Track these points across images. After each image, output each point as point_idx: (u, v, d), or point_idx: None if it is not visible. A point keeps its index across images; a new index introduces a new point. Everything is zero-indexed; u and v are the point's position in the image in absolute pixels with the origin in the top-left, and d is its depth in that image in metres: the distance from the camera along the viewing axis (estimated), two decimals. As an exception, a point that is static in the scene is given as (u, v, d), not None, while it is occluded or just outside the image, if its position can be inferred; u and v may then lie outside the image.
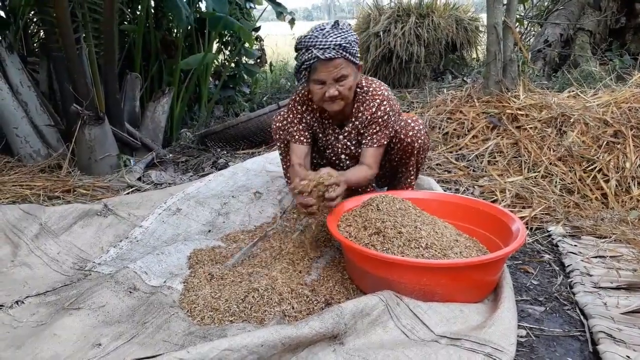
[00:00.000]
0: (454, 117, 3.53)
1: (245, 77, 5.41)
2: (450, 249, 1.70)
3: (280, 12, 4.84)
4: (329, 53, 1.93)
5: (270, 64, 6.17)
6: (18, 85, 3.26)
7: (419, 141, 2.21)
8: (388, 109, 2.13)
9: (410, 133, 2.19)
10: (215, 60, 5.01)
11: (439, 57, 6.02)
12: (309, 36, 1.97)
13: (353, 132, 2.23)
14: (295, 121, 2.26)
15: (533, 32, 6.40)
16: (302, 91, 2.25)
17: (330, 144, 2.32)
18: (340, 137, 2.26)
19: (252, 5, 5.26)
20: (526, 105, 3.33)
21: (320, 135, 2.32)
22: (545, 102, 3.32)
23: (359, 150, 2.29)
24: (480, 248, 1.82)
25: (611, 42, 5.42)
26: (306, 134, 2.26)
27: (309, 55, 1.96)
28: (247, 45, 5.04)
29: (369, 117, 2.14)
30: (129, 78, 3.79)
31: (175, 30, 4.48)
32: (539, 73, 5.07)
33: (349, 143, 2.27)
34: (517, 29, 4.50)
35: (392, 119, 2.16)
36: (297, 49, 2.04)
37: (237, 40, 4.99)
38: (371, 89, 2.16)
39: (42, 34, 4.16)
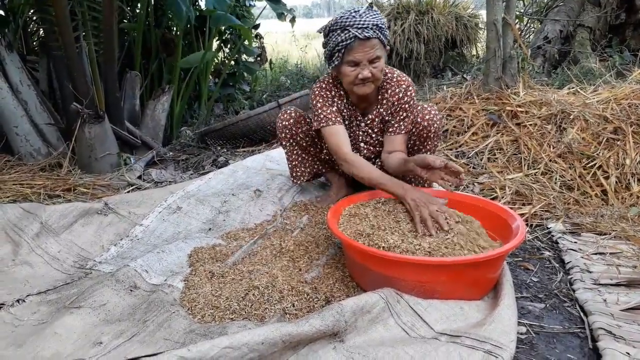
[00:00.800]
0: (453, 114, 3.53)
1: (245, 75, 5.41)
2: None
3: (281, 13, 4.82)
4: (367, 32, 1.96)
5: (270, 62, 6.17)
6: (18, 84, 3.26)
7: (435, 125, 2.23)
8: (413, 94, 2.19)
9: (427, 117, 2.21)
10: (215, 58, 5.01)
11: (438, 54, 6.02)
12: (345, 16, 2.00)
13: (377, 119, 2.26)
14: (327, 104, 2.22)
15: (533, 29, 6.39)
16: (327, 78, 2.26)
17: (352, 132, 2.33)
18: (362, 124, 2.28)
19: (252, 3, 5.25)
20: (526, 102, 3.33)
21: (347, 122, 2.32)
22: (545, 98, 3.32)
23: (379, 139, 2.30)
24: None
25: (611, 39, 5.41)
26: (339, 114, 2.24)
27: (346, 35, 1.98)
28: (246, 43, 5.03)
29: (395, 103, 2.18)
30: (129, 76, 3.79)
31: (175, 29, 4.48)
32: (539, 70, 5.06)
33: (370, 131, 2.29)
34: (517, 26, 4.49)
35: (415, 105, 2.21)
36: (330, 31, 2.04)
37: (236, 38, 4.98)
38: (395, 75, 2.20)
39: (41, 32, 4.16)
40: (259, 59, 5.42)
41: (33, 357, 1.41)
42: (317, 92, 2.24)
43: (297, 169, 2.54)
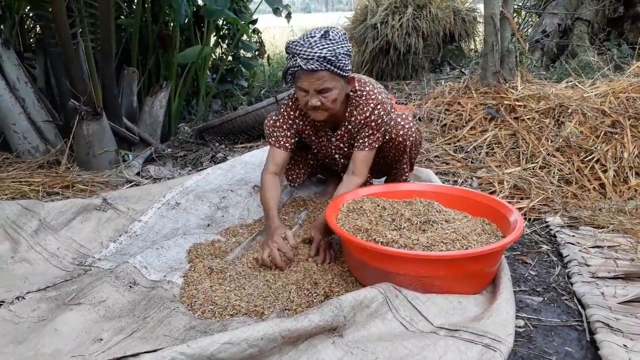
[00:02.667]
0: (452, 108, 3.53)
1: (243, 70, 5.39)
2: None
3: (277, 8, 4.80)
4: (312, 65, 1.87)
5: (268, 57, 6.15)
6: (15, 81, 3.25)
7: (411, 139, 2.20)
8: (382, 112, 2.09)
9: (402, 132, 2.17)
10: (212, 54, 4.99)
11: (436, 48, 6.00)
12: (296, 43, 1.92)
13: (346, 135, 2.21)
14: (285, 127, 2.20)
15: (531, 22, 6.38)
16: (296, 96, 2.22)
17: (324, 146, 2.30)
18: (333, 139, 2.24)
19: (249, -3, 5.23)
20: (524, 96, 3.33)
21: (314, 138, 2.29)
22: (543, 92, 3.32)
23: (351, 150, 2.27)
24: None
25: (609, 32, 5.40)
26: (292, 140, 2.22)
27: (294, 62, 1.92)
28: (244, 38, 5.01)
29: (362, 122, 2.11)
30: (126, 73, 3.77)
31: (172, 24, 4.46)
32: (537, 63, 5.06)
33: (341, 145, 2.25)
34: (515, 19, 4.48)
35: (385, 122, 2.13)
36: (286, 52, 2.00)
37: (234, 34, 4.96)
38: (364, 93, 2.10)
39: (38, 29, 4.14)
40: (257, 53, 5.40)
41: (34, 354, 1.41)
42: (282, 109, 2.23)
43: (292, 172, 2.53)
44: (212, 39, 4.86)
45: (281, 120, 2.21)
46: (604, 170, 2.65)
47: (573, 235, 2.14)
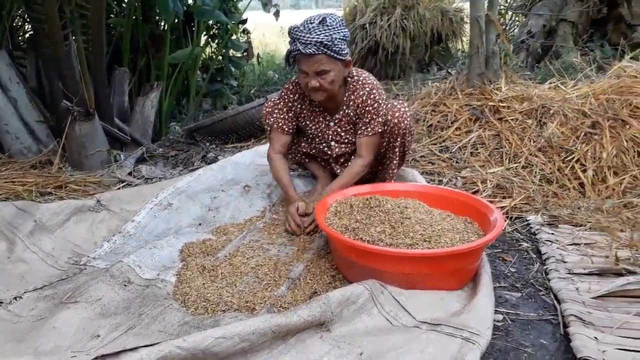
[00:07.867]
0: (438, 109, 3.61)
1: (233, 70, 5.43)
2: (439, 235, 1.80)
3: (265, 4, 4.86)
4: (309, 49, 2.05)
5: (258, 56, 6.19)
6: (7, 81, 3.27)
7: (405, 122, 2.30)
8: (377, 96, 2.25)
9: (397, 114, 2.29)
10: (202, 53, 5.02)
11: (424, 48, 6.08)
12: (296, 29, 2.10)
13: (344, 119, 2.35)
14: (285, 109, 2.37)
15: (517, 23, 6.48)
16: (296, 79, 2.35)
17: (320, 132, 2.41)
18: (331, 124, 2.37)
19: (238, -4, 5.25)
20: (508, 97, 3.41)
21: (309, 123, 2.41)
22: (527, 93, 3.41)
23: (348, 137, 2.38)
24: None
25: (592, 33, 5.51)
26: (290, 124, 2.39)
27: (294, 47, 2.10)
28: (234, 37, 5.05)
29: (360, 105, 2.26)
30: (118, 73, 3.80)
31: (163, 24, 4.49)
32: (522, 64, 5.15)
33: (339, 129, 2.38)
34: (500, 21, 4.57)
35: (383, 106, 2.27)
36: (288, 36, 2.16)
37: (224, 33, 5.00)
38: (361, 78, 2.29)
39: (27, 27, 4.14)
40: (245, 54, 5.43)
41: (33, 351, 1.47)
42: (283, 92, 2.41)
43: None
44: (203, 39, 4.89)
45: (281, 103, 2.38)
46: (583, 170, 2.74)
47: (552, 233, 2.23)
